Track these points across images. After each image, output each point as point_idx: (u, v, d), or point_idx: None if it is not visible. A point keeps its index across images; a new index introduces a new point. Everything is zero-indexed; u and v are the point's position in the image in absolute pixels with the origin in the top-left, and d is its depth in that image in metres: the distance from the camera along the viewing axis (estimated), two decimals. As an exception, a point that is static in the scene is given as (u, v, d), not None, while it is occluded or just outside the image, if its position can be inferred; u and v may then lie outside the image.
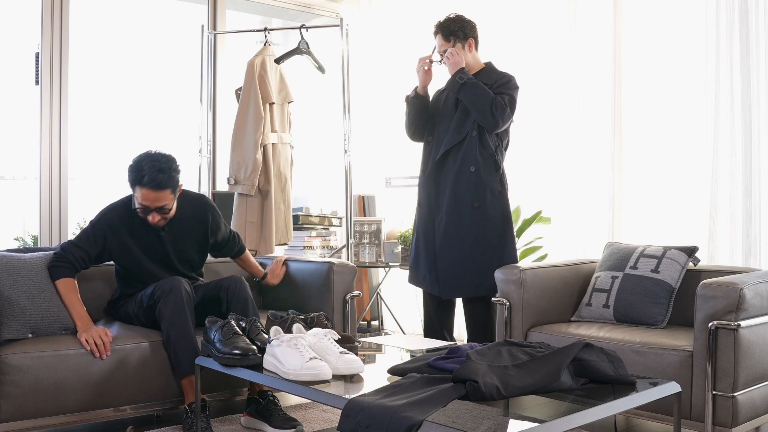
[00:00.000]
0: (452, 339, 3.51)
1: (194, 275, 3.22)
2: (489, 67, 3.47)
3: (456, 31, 3.41)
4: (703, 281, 2.56)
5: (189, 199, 3.13)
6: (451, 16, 3.46)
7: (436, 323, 3.47)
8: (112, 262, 3.11)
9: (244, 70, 4.37)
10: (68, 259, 2.93)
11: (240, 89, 4.45)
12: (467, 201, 3.30)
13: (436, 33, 3.47)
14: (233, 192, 4.36)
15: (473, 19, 3.49)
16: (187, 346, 2.77)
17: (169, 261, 3.10)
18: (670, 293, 2.96)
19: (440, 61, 3.43)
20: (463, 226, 3.30)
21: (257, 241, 4.36)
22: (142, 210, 2.92)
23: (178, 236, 3.09)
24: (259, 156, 4.28)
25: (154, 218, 2.94)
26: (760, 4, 3.39)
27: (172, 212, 3.00)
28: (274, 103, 4.38)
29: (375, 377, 2.22)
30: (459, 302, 3.52)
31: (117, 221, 3.00)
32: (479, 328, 3.36)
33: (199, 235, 3.16)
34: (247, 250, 3.45)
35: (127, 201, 3.05)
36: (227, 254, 3.37)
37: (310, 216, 4.95)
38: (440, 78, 3.54)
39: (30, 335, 2.70)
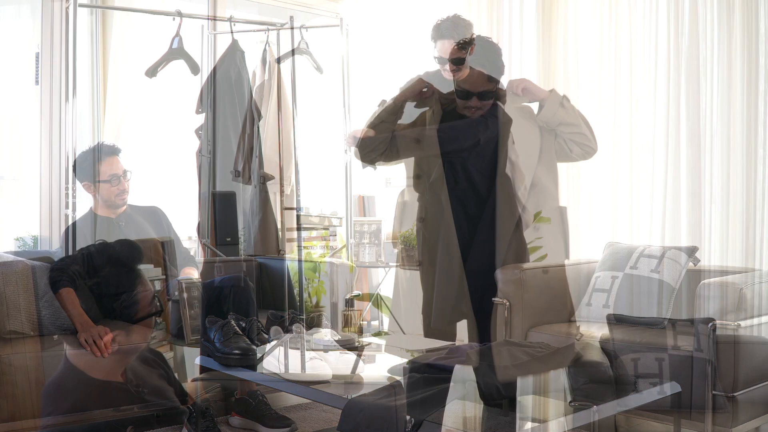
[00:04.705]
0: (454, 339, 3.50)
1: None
2: None
3: (470, 41, 2.91)
4: (703, 281, 2.56)
5: (139, 206, 3.46)
6: (458, 18, 3.06)
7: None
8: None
9: (274, 72, 4.52)
10: (68, 273, 2.97)
11: (258, 88, 4.48)
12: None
13: (442, 37, 3.00)
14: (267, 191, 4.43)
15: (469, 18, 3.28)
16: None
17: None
18: (670, 293, 2.96)
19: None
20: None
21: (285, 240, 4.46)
22: (116, 181, 3.21)
23: (136, 222, 3.32)
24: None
25: (125, 185, 3.28)
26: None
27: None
28: None
29: (375, 377, 2.22)
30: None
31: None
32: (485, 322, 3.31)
33: (154, 223, 3.39)
34: (195, 269, 3.33)
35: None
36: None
37: (310, 216, 4.95)
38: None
39: (32, 333, 2.71)
